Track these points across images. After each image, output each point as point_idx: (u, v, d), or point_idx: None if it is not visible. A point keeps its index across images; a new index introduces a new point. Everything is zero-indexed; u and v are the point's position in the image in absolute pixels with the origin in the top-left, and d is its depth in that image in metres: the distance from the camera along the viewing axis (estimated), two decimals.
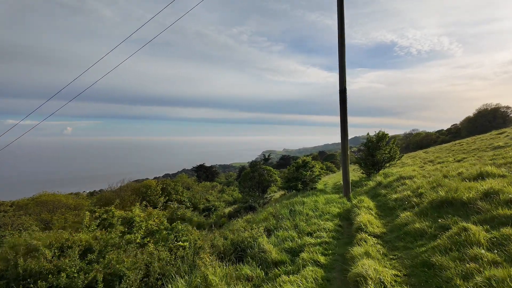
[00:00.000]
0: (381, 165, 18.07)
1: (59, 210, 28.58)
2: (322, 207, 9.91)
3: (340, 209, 9.78)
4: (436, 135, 68.45)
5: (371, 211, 8.46)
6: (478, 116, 58.09)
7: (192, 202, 54.45)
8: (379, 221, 7.51)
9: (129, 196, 40.79)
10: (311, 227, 7.83)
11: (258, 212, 14.73)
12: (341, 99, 11.39)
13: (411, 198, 8.57)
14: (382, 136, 17.55)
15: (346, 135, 11.42)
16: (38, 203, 29.31)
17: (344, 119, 11.35)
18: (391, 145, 17.74)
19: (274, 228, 8.44)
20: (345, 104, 11.34)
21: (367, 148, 18.26)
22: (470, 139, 31.14)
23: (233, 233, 7.92)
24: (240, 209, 17.25)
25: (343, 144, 11.49)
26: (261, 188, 19.45)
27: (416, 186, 9.74)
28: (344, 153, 11.54)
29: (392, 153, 17.57)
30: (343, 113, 11.34)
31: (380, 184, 13.60)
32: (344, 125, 11.39)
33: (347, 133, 11.43)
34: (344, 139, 11.45)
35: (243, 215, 16.11)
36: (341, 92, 11.39)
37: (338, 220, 8.47)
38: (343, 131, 11.42)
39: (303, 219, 8.82)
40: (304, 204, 10.26)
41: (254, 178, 19.35)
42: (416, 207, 7.54)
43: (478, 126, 53.48)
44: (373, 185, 14.19)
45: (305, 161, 17.07)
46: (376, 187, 13.48)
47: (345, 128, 11.41)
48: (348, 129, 11.48)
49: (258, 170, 19.44)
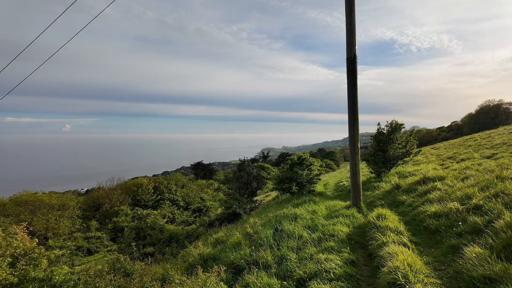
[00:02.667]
0: (394, 163, 14.89)
1: (41, 211, 25.76)
2: (323, 225, 6.70)
3: (350, 228, 6.57)
4: (437, 132, 67.28)
5: (401, 237, 5.24)
6: (480, 113, 56.56)
7: (186, 201, 51.38)
8: (423, 264, 4.26)
9: (119, 195, 37.76)
10: (306, 267, 4.66)
11: (242, 221, 11.56)
12: (349, 70, 8.15)
13: (465, 215, 5.38)
14: (396, 127, 14.33)
15: (356, 121, 8.19)
16: (18, 203, 26.33)
17: (353, 98, 8.11)
18: (408, 138, 14.51)
19: (246, 263, 5.24)
20: (354, 76, 8.09)
21: (376, 142, 15.04)
22: (483, 134, 29.32)
23: None
24: (222, 217, 14.10)
25: (351, 133, 8.25)
26: (249, 191, 16.29)
27: (462, 194, 6.54)
28: (353, 145, 8.29)
29: (409, 147, 14.36)
30: (352, 90, 8.10)
31: (398, 188, 10.41)
32: (353, 106, 8.14)
33: (357, 118, 8.19)
34: (353, 126, 8.21)
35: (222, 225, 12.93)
36: (349, 61, 8.16)
37: (348, 250, 5.28)
38: (352, 115, 8.18)
39: (294, 246, 5.62)
40: (297, 220, 7.03)
41: (241, 178, 16.20)
42: (485, 236, 4.35)
43: (480, 122, 51.92)
44: (388, 188, 10.99)
45: (301, 158, 13.89)
46: (393, 192, 10.30)
47: (355, 111, 8.17)
48: (358, 112, 8.24)
49: (246, 169, 16.26)
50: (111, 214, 32.25)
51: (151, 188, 45.33)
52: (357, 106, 8.12)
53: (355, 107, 8.11)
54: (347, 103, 8.24)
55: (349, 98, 8.17)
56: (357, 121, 8.16)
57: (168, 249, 12.39)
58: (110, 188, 40.09)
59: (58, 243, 23.95)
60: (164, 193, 48.30)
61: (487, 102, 57.87)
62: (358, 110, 8.14)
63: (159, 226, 14.33)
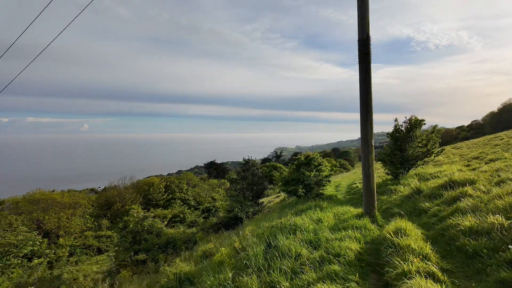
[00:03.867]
0: (413, 163, 13.39)
1: (53, 209, 25.79)
2: (328, 239, 5.47)
3: (361, 244, 5.32)
4: (457, 131, 65.04)
5: (428, 264, 3.94)
6: (503, 111, 54.43)
7: (197, 200, 50.88)
8: None
9: (130, 194, 37.63)
10: None
11: (242, 226, 10.45)
12: (362, 54, 6.85)
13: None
14: (415, 124, 12.81)
15: (369, 114, 6.88)
16: (30, 202, 26.48)
17: (366, 86, 6.81)
18: (430, 135, 12.96)
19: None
20: (367, 61, 6.79)
21: (393, 140, 13.56)
22: (510, 132, 27.51)
23: None
24: (223, 221, 13.01)
25: (364, 128, 6.95)
26: (254, 192, 15.14)
27: (504, 204, 5.15)
28: (366, 143, 6.98)
29: (430, 146, 12.81)
30: (365, 76, 6.80)
31: (418, 192, 9.00)
32: (366, 96, 6.84)
33: (370, 111, 6.88)
34: (365, 120, 6.90)
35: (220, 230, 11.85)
36: (361, 43, 6.87)
37: (356, 277, 4.04)
38: (365, 107, 6.87)
39: (289, 269, 4.42)
40: (296, 232, 5.81)
41: (245, 179, 15.07)
42: None
43: (503, 121, 49.94)
44: (407, 192, 9.59)
45: (309, 158, 12.60)
46: (412, 197, 8.91)
47: (368, 102, 6.86)
48: (372, 105, 6.92)
49: (251, 169, 15.12)
50: (123, 213, 32.08)
51: (162, 187, 45.07)
52: (371, 96, 6.81)
53: (368, 97, 6.80)
54: (359, 93, 6.95)
55: (361, 87, 6.87)
56: (371, 114, 6.85)
57: (162, 256, 11.42)
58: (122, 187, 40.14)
59: (69, 241, 23.71)
60: (175, 192, 47.94)
61: (510, 100, 55.61)
62: (372, 101, 6.83)
63: (157, 230, 13.40)
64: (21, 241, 17.29)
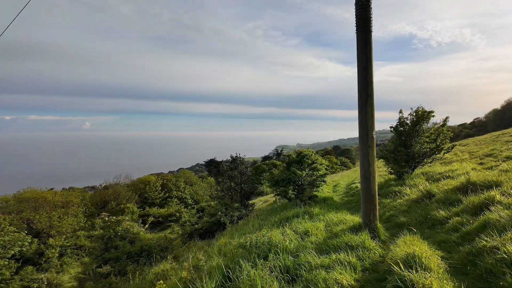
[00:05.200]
0: (419, 161, 11.81)
1: (44, 208, 24.88)
2: (312, 266, 3.93)
3: (357, 274, 3.79)
4: (459, 129, 64.75)
5: None
6: (506, 109, 54.27)
7: (194, 198, 49.46)
8: None
9: (125, 192, 36.34)
10: None
11: (223, 235, 8.95)
12: (360, 20, 5.25)
13: None
14: (423, 116, 11.21)
15: (369, 98, 5.28)
16: (20, 201, 25.61)
17: (366, 62, 5.21)
18: (440, 129, 11.36)
19: None
20: (366, 29, 5.19)
21: (398, 135, 11.99)
22: None
23: None
24: (205, 225, 11.47)
25: (363, 116, 5.35)
26: (242, 193, 13.61)
27: None
28: (366, 135, 5.39)
29: (440, 141, 11.21)
30: (364, 48, 5.21)
31: (429, 196, 7.43)
32: (365, 75, 5.25)
33: (371, 93, 5.29)
34: (365, 105, 5.31)
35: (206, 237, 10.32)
36: (359, 6, 5.28)
37: None
38: (364, 89, 5.28)
39: None
40: (270, 254, 4.27)
41: (233, 178, 13.54)
42: None
43: (506, 119, 49.71)
44: (416, 196, 8.01)
45: (301, 155, 11.03)
46: (422, 202, 7.33)
47: (367, 83, 5.27)
48: (374, 88, 5.35)
49: (239, 168, 13.57)
50: (117, 212, 30.98)
51: (158, 185, 43.75)
52: (372, 75, 5.22)
53: (368, 76, 5.21)
54: (357, 72, 5.36)
55: (359, 63, 5.28)
56: (372, 98, 5.26)
57: (131, 267, 9.93)
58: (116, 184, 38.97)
59: (59, 241, 22.49)
60: (172, 190, 46.56)
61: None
62: (373, 81, 5.25)
63: (131, 236, 11.91)
64: (8, 241, 16.28)
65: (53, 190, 31.96)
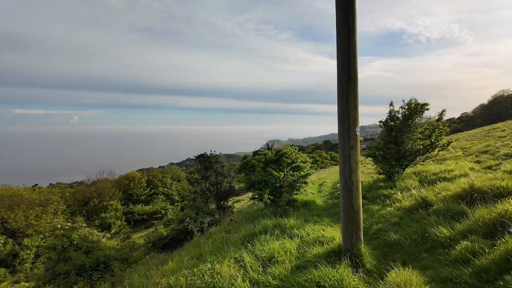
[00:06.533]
0: (411, 159, 10.61)
1: (20, 207, 23.53)
2: None
3: None
4: (448, 124, 66.06)
5: None
6: (493, 103, 55.19)
7: (181, 195, 47.74)
8: None
9: (108, 189, 34.69)
10: None
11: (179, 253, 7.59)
12: None
13: None
14: (416, 109, 9.96)
15: (352, 81, 3.87)
16: None
17: (347, 31, 3.80)
18: (436, 123, 10.12)
19: None
20: None
21: (387, 130, 10.74)
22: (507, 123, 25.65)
23: None
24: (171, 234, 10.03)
25: (343, 104, 3.93)
26: (218, 196, 12.21)
27: None
28: (348, 131, 3.97)
29: (435, 138, 9.99)
30: (345, 14, 3.81)
31: (426, 206, 6.15)
32: (346, 49, 3.84)
33: (354, 76, 3.88)
34: (346, 90, 3.89)
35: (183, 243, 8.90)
36: None
37: None
38: (344, 68, 3.87)
39: None
40: None
41: (207, 178, 12.12)
42: None
43: (493, 113, 50.71)
44: (409, 204, 6.73)
45: (279, 153, 9.67)
46: (417, 212, 6.06)
47: (349, 61, 3.86)
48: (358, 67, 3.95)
49: (214, 167, 12.15)
50: (100, 210, 29.57)
51: (144, 181, 42.04)
52: (356, 52, 3.82)
53: (351, 54, 3.80)
54: (336, 48, 3.96)
55: (339, 37, 3.86)
56: (356, 83, 3.85)
57: (81, 284, 8.49)
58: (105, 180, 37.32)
59: (36, 242, 21.02)
60: (158, 187, 44.82)
61: (501, 92, 56.26)
62: (356, 59, 3.85)
63: (89, 245, 10.42)
64: None
65: (30, 188, 30.19)
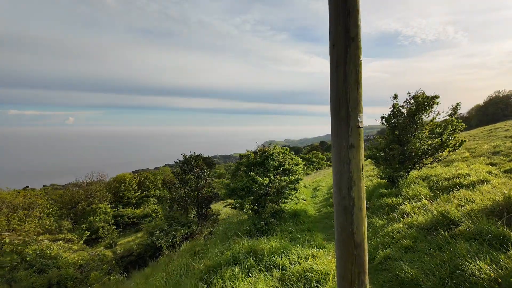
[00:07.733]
0: (417, 161, 9.23)
1: (2, 211, 22.48)
2: None
3: None
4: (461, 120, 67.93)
5: None
6: (489, 104, 55.38)
7: None
8: None
9: (98, 191, 33.24)
10: None
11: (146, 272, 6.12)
12: None
13: None
14: (424, 103, 8.58)
15: (354, 48, 2.41)
16: None
17: None
18: (448, 120, 8.75)
19: None
20: None
21: (390, 128, 9.36)
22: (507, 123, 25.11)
23: None
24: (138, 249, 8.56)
25: (340, 85, 2.46)
26: (201, 200, 10.76)
27: None
28: (347, 125, 2.48)
29: (447, 136, 8.61)
30: None
31: (447, 224, 4.77)
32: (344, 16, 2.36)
33: (357, 39, 2.42)
34: (342, 66, 2.40)
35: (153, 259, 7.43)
36: None
37: None
38: (342, 26, 2.39)
39: None
40: None
41: (186, 183, 10.67)
42: None
43: (489, 114, 50.17)
44: (424, 221, 5.30)
45: (264, 155, 8.21)
46: (436, 231, 4.64)
47: (349, 16, 2.38)
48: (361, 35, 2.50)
49: (194, 170, 10.70)
50: (88, 213, 28.29)
51: (135, 183, 40.48)
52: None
53: (347, 18, 2.36)
54: (328, 15, 2.50)
55: None
56: (358, 47, 2.40)
57: None
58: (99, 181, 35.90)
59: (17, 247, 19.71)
60: (150, 189, 43.23)
61: (496, 93, 55.97)
62: (359, 12, 2.39)
63: (43, 262, 8.90)
64: None
65: (14, 191, 28.85)
